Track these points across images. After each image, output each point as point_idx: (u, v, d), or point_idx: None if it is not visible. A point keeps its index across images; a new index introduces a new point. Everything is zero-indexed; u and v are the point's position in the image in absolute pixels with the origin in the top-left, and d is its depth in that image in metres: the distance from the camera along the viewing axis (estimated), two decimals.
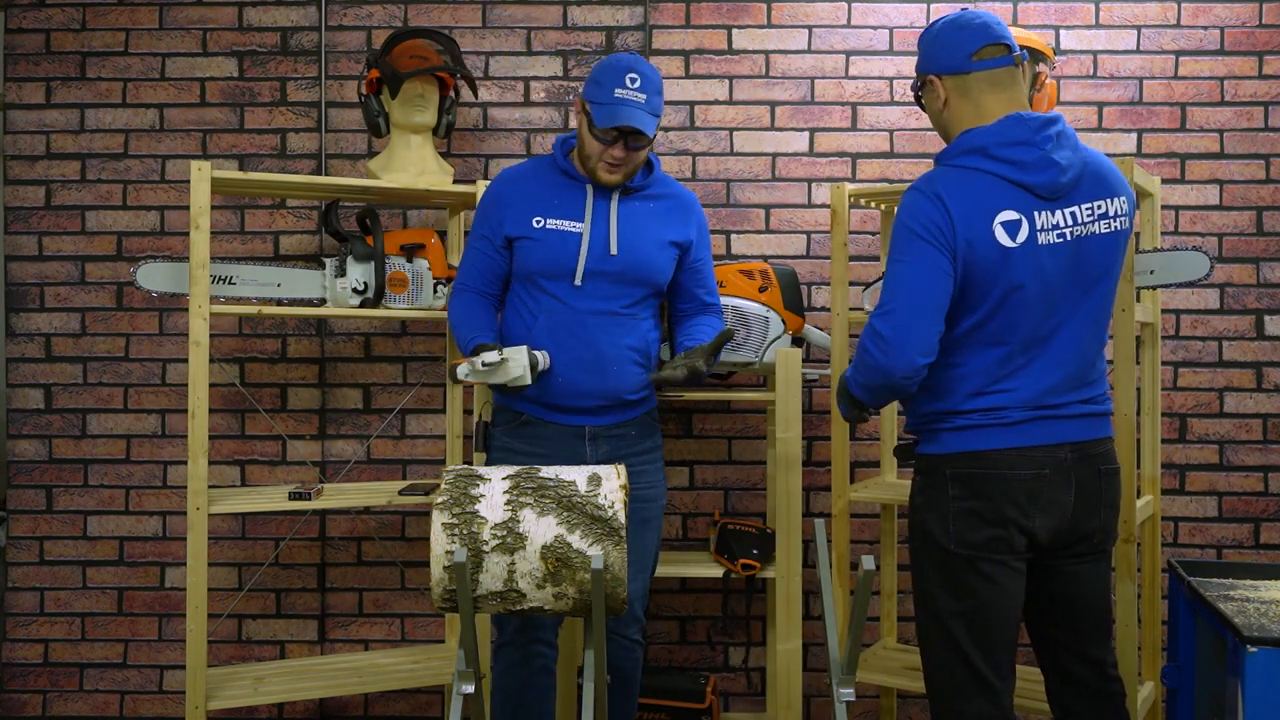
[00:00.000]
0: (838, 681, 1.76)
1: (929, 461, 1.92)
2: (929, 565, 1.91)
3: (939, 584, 1.90)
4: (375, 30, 3.04)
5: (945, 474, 1.88)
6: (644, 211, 2.27)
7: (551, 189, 2.25)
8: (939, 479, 1.89)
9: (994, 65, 1.86)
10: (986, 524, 1.84)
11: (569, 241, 2.20)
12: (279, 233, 3.05)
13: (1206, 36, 2.99)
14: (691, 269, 2.35)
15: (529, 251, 2.22)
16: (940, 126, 1.96)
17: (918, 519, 1.93)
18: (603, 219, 2.23)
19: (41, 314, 3.04)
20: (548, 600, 1.67)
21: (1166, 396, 2.97)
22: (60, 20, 3.04)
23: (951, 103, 1.89)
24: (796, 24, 3.03)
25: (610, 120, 2.13)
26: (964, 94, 1.88)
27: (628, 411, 2.27)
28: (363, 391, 3.05)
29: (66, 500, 3.04)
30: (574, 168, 2.27)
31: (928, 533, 1.90)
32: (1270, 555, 2.96)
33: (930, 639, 1.93)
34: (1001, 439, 1.85)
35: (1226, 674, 2.10)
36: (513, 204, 2.26)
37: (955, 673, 1.89)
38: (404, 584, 3.05)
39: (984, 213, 1.80)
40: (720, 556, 2.71)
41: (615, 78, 2.15)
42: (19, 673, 3.04)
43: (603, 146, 2.17)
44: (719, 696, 2.92)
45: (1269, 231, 2.98)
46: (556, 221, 2.22)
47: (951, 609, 1.88)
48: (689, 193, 2.39)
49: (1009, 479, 1.84)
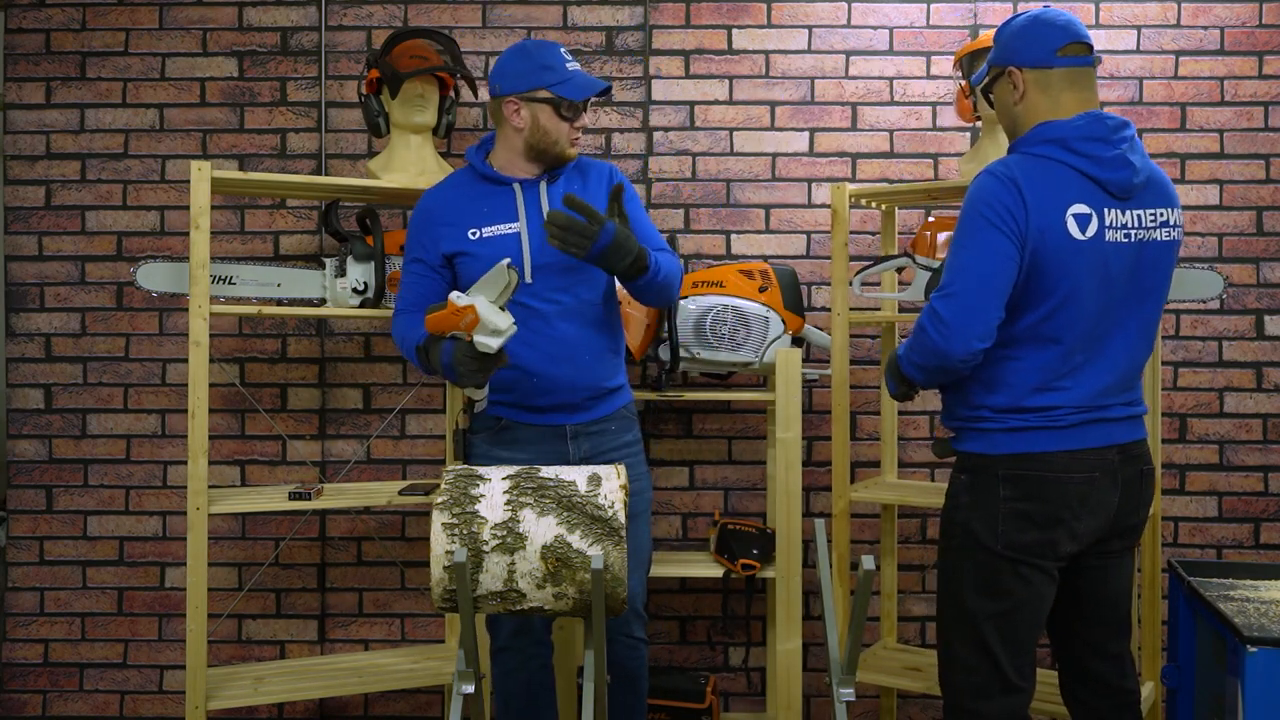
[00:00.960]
0: (838, 681, 1.76)
1: (978, 460, 1.91)
2: (967, 565, 1.90)
3: (974, 584, 1.89)
4: (375, 30, 3.04)
5: (997, 474, 1.87)
6: (570, 189, 2.24)
7: (480, 198, 2.23)
8: (989, 479, 1.88)
9: (1076, 63, 1.89)
10: (1035, 527, 1.85)
11: (509, 243, 2.18)
12: (279, 233, 3.05)
13: (1206, 36, 2.99)
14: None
15: (473, 265, 2.18)
16: (1010, 119, 1.96)
17: (960, 518, 1.91)
18: (536, 212, 2.20)
19: (41, 314, 3.04)
20: (548, 600, 1.67)
21: (1166, 396, 2.97)
22: (60, 20, 3.04)
23: (1029, 95, 1.90)
24: (796, 24, 3.03)
25: (585, 91, 2.17)
26: (1044, 88, 1.89)
27: (606, 405, 2.25)
28: (363, 391, 3.05)
29: (66, 500, 3.04)
30: (496, 171, 2.24)
31: (970, 532, 1.89)
32: (1270, 555, 2.96)
33: (955, 638, 1.92)
34: (1056, 441, 1.85)
35: (1226, 674, 2.10)
36: (444, 221, 2.23)
37: (979, 673, 1.89)
38: (404, 584, 3.05)
39: (1058, 202, 1.81)
40: (720, 556, 2.71)
41: (555, 57, 2.19)
42: (19, 673, 3.04)
43: (568, 124, 2.18)
44: (719, 696, 2.92)
45: (1269, 231, 2.98)
46: (492, 228, 2.20)
47: (985, 610, 1.88)
48: (605, 163, 2.35)
49: (1063, 483, 1.84)
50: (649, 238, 2.27)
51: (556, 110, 2.17)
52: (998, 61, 1.95)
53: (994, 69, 1.96)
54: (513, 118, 2.19)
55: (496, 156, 2.26)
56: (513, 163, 2.24)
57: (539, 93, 2.17)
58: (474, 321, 1.92)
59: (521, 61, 2.19)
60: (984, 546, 1.87)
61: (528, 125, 2.19)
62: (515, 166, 2.24)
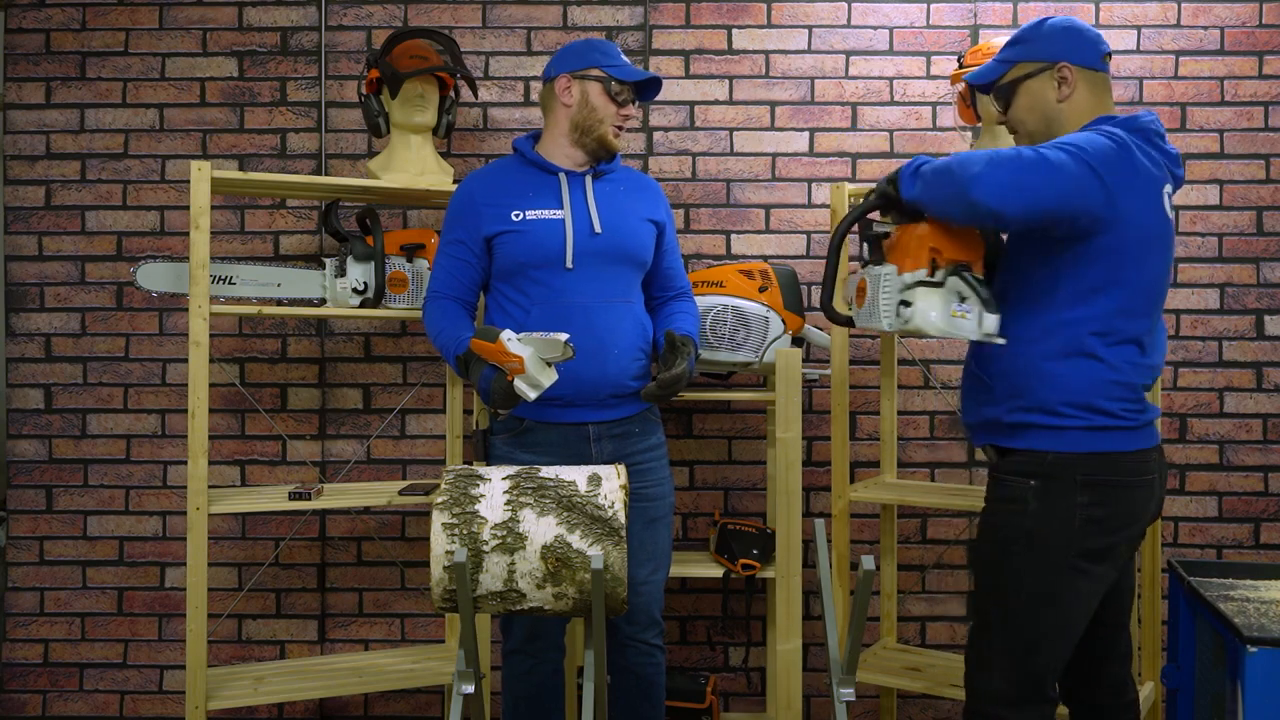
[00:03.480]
0: (838, 681, 1.76)
1: (1052, 460, 1.80)
2: (1027, 572, 1.80)
3: (1036, 593, 1.80)
4: (375, 30, 3.04)
5: (1076, 479, 1.78)
6: (617, 192, 2.29)
7: (525, 183, 2.26)
8: (1066, 483, 1.78)
9: (1108, 72, 1.93)
10: (1107, 533, 1.79)
11: (553, 228, 2.20)
12: (279, 233, 3.05)
13: (1206, 36, 2.99)
14: (665, 252, 2.35)
15: (513, 245, 2.20)
16: (1049, 117, 1.91)
17: (1027, 524, 1.81)
18: (581, 202, 2.23)
19: (41, 314, 3.04)
20: (548, 600, 1.67)
21: (1166, 396, 2.97)
22: (60, 20, 3.04)
23: (1079, 93, 1.89)
24: (796, 24, 3.03)
25: (637, 74, 2.26)
26: (1093, 88, 1.89)
27: (630, 405, 2.24)
28: (363, 391, 3.05)
29: (66, 500, 3.04)
30: (544, 159, 2.27)
31: (1034, 535, 1.79)
32: (1270, 555, 2.96)
33: (999, 645, 1.84)
34: (1132, 441, 1.81)
35: (1226, 674, 2.10)
36: (488, 202, 2.24)
37: (1019, 682, 1.83)
38: (404, 584, 3.05)
39: (1157, 180, 1.81)
40: (720, 556, 2.71)
41: (612, 48, 2.28)
42: (19, 673, 3.04)
43: (616, 108, 2.25)
44: (719, 696, 2.92)
45: (1269, 231, 2.98)
46: (536, 211, 2.21)
47: (1047, 620, 1.80)
48: (649, 178, 2.42)
49: (1135, 486, 1.81)
50: (680, 274, 2.41)
51: (606, 89, 2.24)
52: (1045, 57, 1.89)
53: (1035, 64, 1.90)
54: (563, 94, 2.25)
55: (544, 145, 2.31)
56: (559, 148, 2.28)
57: (592, 71, 2.25)
58: (519, 371, 1.97)
59: (580, 46, 2.28)
60: (1052, 555, 1.78)
61: (575, 102, 2.25)
62: (561, 154, 2.28)
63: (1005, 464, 1.87)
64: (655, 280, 2.36)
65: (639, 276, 2.29)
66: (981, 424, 1.93)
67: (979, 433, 1.94)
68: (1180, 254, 2.99)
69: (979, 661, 1.88)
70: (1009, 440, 1.87)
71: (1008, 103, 1.96)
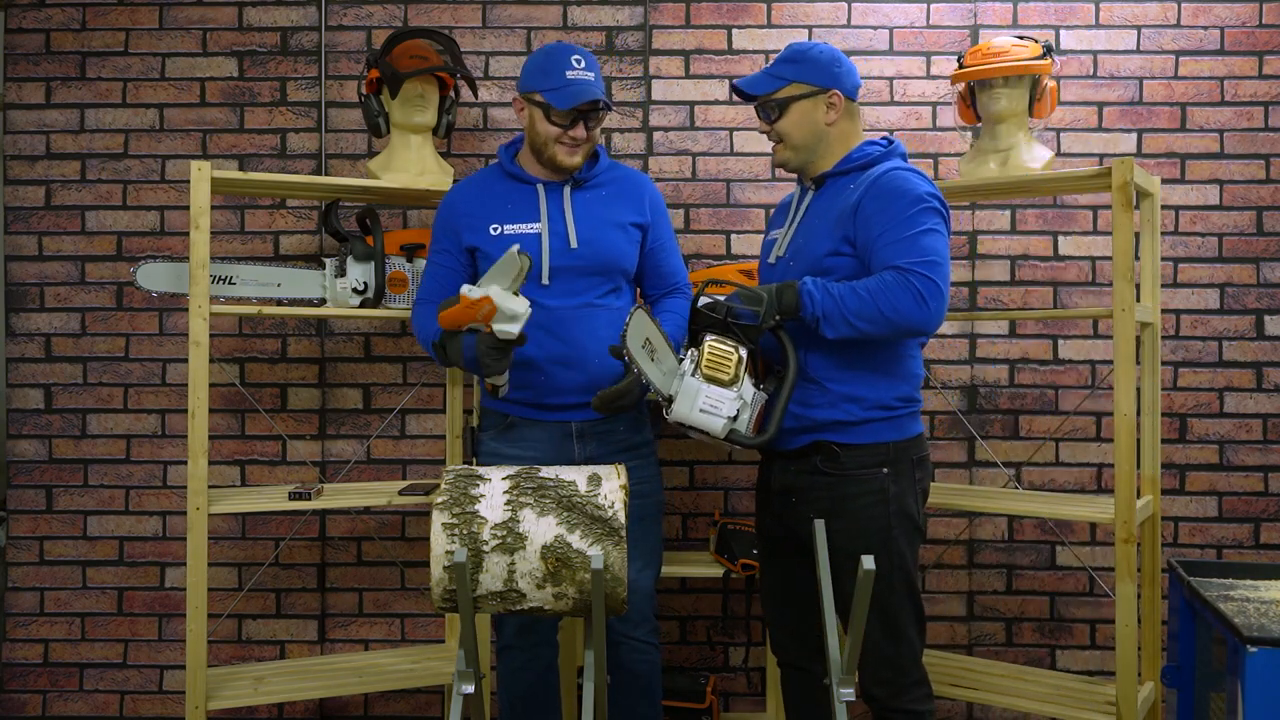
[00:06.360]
0: (838, 681, 1.76)
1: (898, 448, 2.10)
2: (911, 549, 2.09)
3: (915, 561, 2.11)
4: (375, 30, 3.04)
5: (912, 458, 2.09)
6: (597, 199, 2.27)
7: (504, 195, 2.26)
8: (907, 464, 2.09)
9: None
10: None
11: (529, 243, 2.20)
12: (279, 233, 3.05)
13: (1206, 36, 2.99)
14: (652, 251, 2.33)
15: (491, 261, 2.18)
16: (820, 136, 2.15)
17: (894, 507, 2.07)
18: (558, 214, 2.23)
19: (41, 314, 3.04)
20: (548, 600, 1.67)
21: (1166, 396, 2.97)
22: (60, 20, 3.04)
23: (844, 119, 2.17)
24: (796, 24, 3.03)
25: (574, 100, 2.16)
26: (852, 117, 2.16)
27: None
28: (363, 391, 3.05)
29: (66, 500, 3.04)
30: (522, 170, 2.27)
31: (909, 515, 2.07)
32: (1270, 555, 2.96)
33: (912, 622, 2.09)
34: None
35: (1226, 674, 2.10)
36: (468, 214, 2.26)
37: (919, 644, 2.12)
38: (404, 584, 3.05)
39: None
40: (720, 556, 2.71)
41: (561, 63, 2.19)
42: (19, 673, 3.04)
43: (561, 130, 2.19)
44: (719, 696, 2.92)
45: (1269, 231, 2.98)
46: (513, 226, 2.22)
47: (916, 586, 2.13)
48: (639, 173, 2.38)
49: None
50: (674, 271, 2.36)
51: (546, 115, 2.18)
52: (823, 84, 2.10)
53: (812, 88, 2.11)
54: (520, 114, 2.26)
55: (522, 155, 2.30)
56: (531, 161, 2.28)
57: (534, 95, 2.21)
58: (491, 311, 1.97)
59: (533, 62, 2.24)
60: (919, 529, 2.09)
61: (527, 124, 2.25)
62: (535, 167, 2.27)
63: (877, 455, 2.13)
64: (646, 278, 2.36)
65: (622, 281, 2.28)
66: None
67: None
68: (1180, 254, 2.99)
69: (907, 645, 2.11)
70: (876, 433, 2.09)
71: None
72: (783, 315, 1.97)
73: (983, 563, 3.01)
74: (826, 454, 2.04)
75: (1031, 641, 3.01)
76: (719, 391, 1.92)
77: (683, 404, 1.93)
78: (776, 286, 1.98)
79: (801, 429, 2.05)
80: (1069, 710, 2.42)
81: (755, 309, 1.97)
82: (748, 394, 1.95)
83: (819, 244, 2.07)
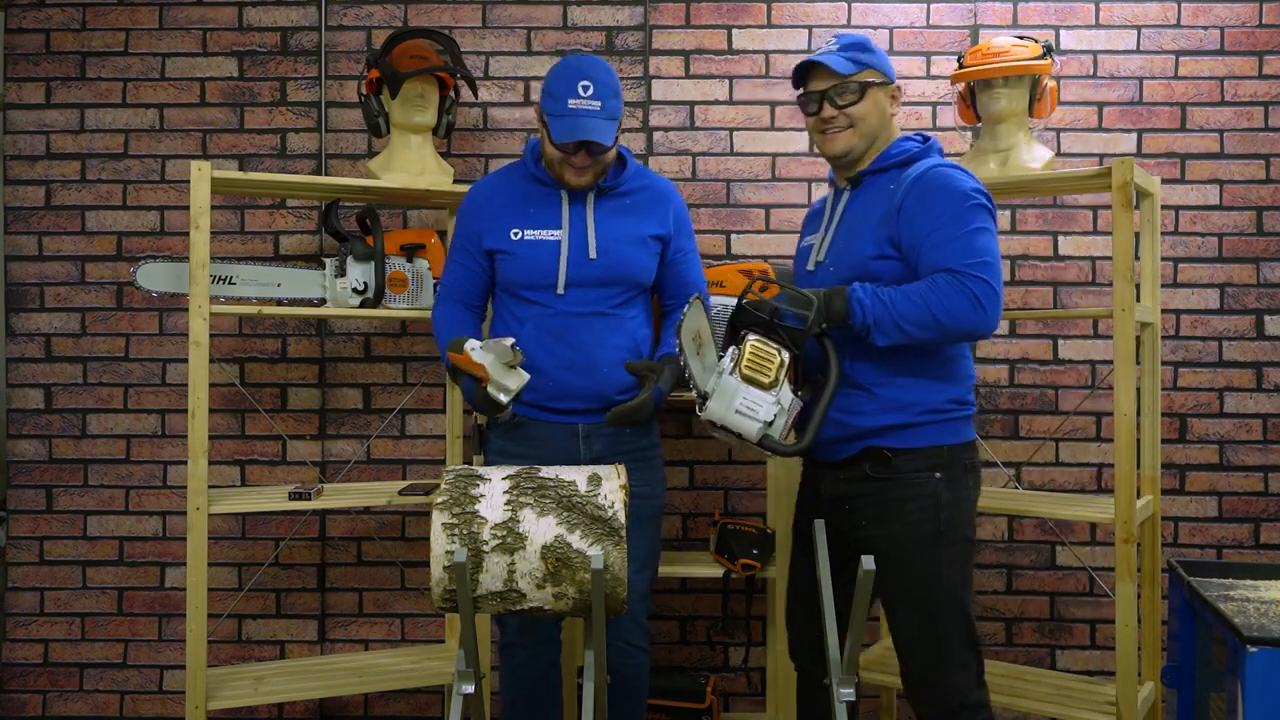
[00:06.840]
0: (838, 681, 1.76)
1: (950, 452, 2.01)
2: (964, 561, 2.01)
3: (967, 579, 2.00)
4: (375, 30, 3.04)
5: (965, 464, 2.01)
6: (620, 209, 2.25)
7: (526, 198, 2.24)
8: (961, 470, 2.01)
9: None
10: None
11: (548, 251, 2.19)
12: (279, 233, 3.05)
13: (1206, 36, 2.99)
14: (673, 261, 2.32)
15: (509, 265, 2.22)
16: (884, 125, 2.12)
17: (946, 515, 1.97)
18: (580, 223, 2.21)
19: (41, 314, 3.04)
20: (548, 600, 1.67)
21: (1166, 396, 2.97)
22: (60, 20, 3.04)
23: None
24: (796, 24, 3.03)
25: (568, 135, 2.10)
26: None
27: None
28: (363, 391, 3.05)
29: (66, 500, 3.04)
30: (546, 174, 2.25)
31: (958, 524, 1.98)
32: (1270, 555, 2.96)
33: (956, 635, 1.97)
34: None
35: (1226, 674, 2.10)
36: (490, 215, 2.25)
37: (973, 663, 2.00)
38: (404, 584, 3.05)
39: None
40: (720, 556, 2.71)
41: (568, 88, 2.11)
42: (19, 673, 3.04)
43: (564, 155, 2.15)
44: (719, 696, 2.92)
45: (1269, 231, 2.98)
46: (534, 232, 2.21)
47: (969, 601, 2.00)
48: (664, 182, 2.35)
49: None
50: (694, 281, 2.35)
51: (549, 138, 2.16)
52: (890, 75, 2.09)
53: (884, 77, 2.08)
54: (541, 126, 2.21)
55: (547, 156, 2.25)
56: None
57: (544, 116, 2.18)
58: (487, 379, 2.09)
59: (550, 76, 2.19)
60: (970, 540, 1.99)
61: (541, 137, 2.22)
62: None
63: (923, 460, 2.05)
64: (664, 288, 2.36)
65: (639, 292, 2.27)
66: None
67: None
68: (1180, 254, 2.99)
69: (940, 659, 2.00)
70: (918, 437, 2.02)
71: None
72: (829, 322, 1.89)
73: (983, 563, 3.01)
74: (877, 459, 1.95)
75: (1032, 641, 3.01)
76: (757, 394, 1.83)
77: (718, 403, 1.84)
78: (825, 292, 1.89)
79: (847, 437, 1.97)
80: (1069, 710, 2.42)
81: (804, 313, 1.89)
82: (785, 399, 1.86)
83: (861, 247, 1.98)
